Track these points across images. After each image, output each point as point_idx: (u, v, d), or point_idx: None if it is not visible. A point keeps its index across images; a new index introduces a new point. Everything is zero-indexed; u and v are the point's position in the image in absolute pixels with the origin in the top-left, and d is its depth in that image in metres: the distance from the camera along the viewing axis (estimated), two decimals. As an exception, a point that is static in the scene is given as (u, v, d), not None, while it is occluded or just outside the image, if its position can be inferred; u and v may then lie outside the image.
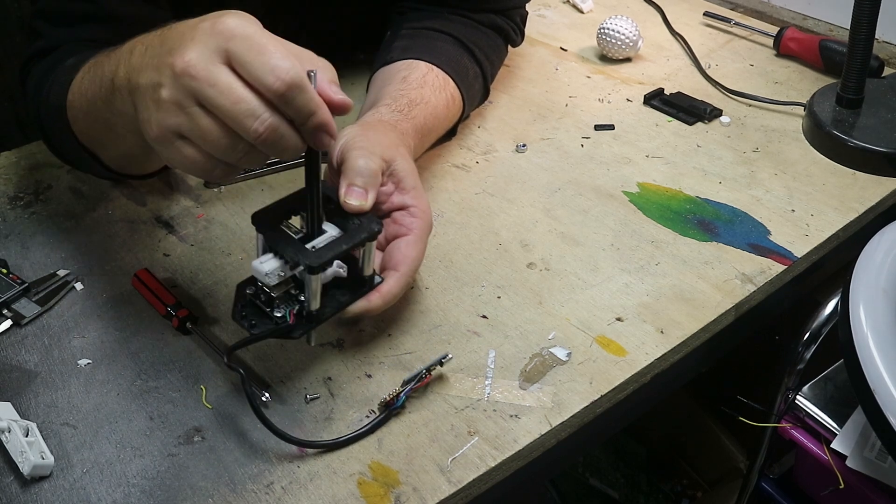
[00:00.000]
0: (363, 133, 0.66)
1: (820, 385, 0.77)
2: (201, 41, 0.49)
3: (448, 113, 0.82)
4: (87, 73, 0.63)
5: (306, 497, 0.54)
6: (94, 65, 0.62)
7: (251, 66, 0.48)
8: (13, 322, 0.67)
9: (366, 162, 0.61)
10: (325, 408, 0.60)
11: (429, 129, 0.79)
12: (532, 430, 0.58)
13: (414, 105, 0.76)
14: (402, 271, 0.62)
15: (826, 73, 1.02)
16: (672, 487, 1.29)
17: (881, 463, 0.69)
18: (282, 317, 0.56)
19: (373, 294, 0.60)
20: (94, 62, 0.62)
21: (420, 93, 0.78)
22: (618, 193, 0.82)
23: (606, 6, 1.22)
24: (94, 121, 0.63)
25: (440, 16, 0.88)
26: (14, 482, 0.55)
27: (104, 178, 0.80)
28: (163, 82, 0.50)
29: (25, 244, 0.76)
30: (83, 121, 0.65)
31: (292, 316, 0.56)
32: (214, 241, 0.76)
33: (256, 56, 0.48)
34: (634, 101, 0.98)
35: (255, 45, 0.48)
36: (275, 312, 0.56)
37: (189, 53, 0.48)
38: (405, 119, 0.74)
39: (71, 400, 0.61)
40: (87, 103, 0.62)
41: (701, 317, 0.67)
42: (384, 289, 0.60)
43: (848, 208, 0.80)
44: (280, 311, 0.56)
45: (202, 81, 0.48)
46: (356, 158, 0.61)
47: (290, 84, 0.48)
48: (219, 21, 0.49)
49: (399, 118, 0.74)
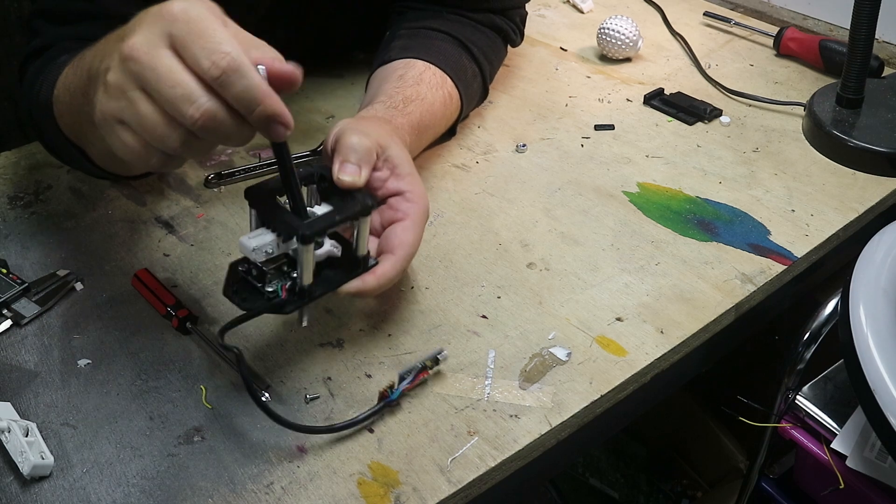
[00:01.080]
0: (356, 122, 0.65)
1: (820, 385, 0.77)
2: (148, 25, 0.48)
3: (445, 111, 0.82)
4: (73, 67, 0.63)
5: (306, 497, 0.54)
6: (80, 58, 0.62)
7: (190, 49, 0.47)
8: (13, 322, 0.67)
9: (359, 139, 0.61)
10: (325, 408, 0.60)
11: (425, 126, 0.78)
12: (532, 430, 0.58)
13: (409, 101, 0.76)
14: (398, 255, 0.61)
15: (826, 73, 1.02)
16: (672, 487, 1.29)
17: (881, 463, 0.69)
18: (273, 291, 0.55)
19: (367, 275, 0.59)
20: (80, 56, 0.62)
21: (416, 90, 0.78)
22: (618, 193, 0.82)
23: (606, 6, 1.22)
24: (77, 114, 0.62)
25: (439, 15, 0.88)
26: (14, 482, 0.55)
27: (97, 177, 0.79)
28: (110, 66, 0.49)
29: (25, 244, 0.76)
30: (67, 115, 0.65)
31: (284, 291, 0.55)
32: (214, 241, 0.76)
33: (196, 39, 0.46)
34: (634, 101, 0.98)
35: (197, 28, 0.47)
36: (266, 288, 0.55)
37: (135, 37, 0.48)
38: (400, 115, 0.74)
39: (71, 400, 0.60)
40: (70, 96, 0.62)
41: (701, 317, 0.67)
42: (379, 270, 0.60)
43: (848, 208, 0.80)
44: (272, 287, 0.55)
45: (143, 65, 0.47)
46: (349, 136, 0.61)
47: (226, 68, 0.46)
48: (167, 5, 0.48)
49: (394, 114, 0.74)
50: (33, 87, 0.70)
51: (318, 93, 0.99)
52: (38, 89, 0.69)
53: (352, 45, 1.07)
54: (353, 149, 0.60)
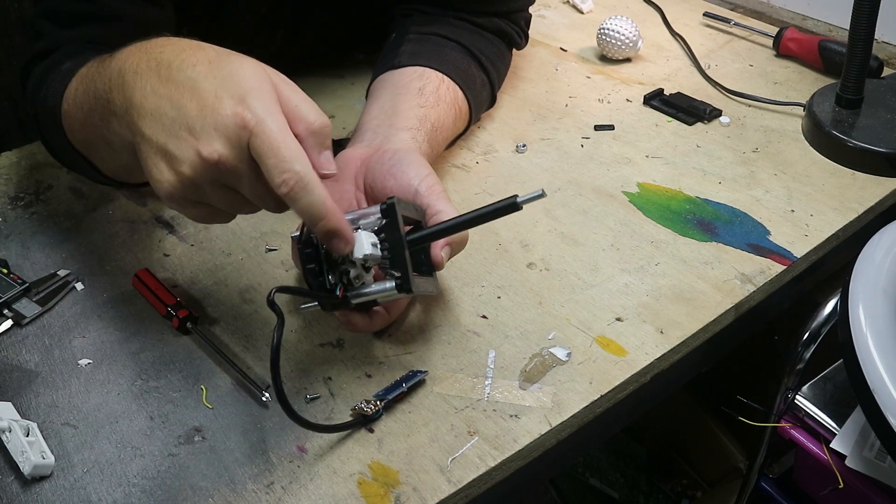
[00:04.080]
0: (436, 180, 0.66)
1: (819, 385, 0.77)
2: (223, 130, 0.51)
3: (455, 130, 0.84)
4: (81, 83, 0.63)
5: (306, 497, 0.54)
6: (86, 77, 0.62)
7: (265, 165, 0.51)
8: (14, 322, 0.67)
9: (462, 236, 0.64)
10: (326, 408, 0.60)
11: (439, 149, 0.81)
12: (532, 430, 0.58)
13: (436, 130, 0.77)
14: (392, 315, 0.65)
15: (826, 73, 1.02)
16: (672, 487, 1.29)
17: (880, 463, 0.69)
18: (334, 286, 0.57)
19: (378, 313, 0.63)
20: (86, 72, 0.63)
21: (436, 112, 0.78)
22: (618, 193, 0.82)
23: (606, 6, 1.22)
24: (91, 134, 0.63)
25: (446, 21, 0.88)
26: (14, 482, 0.55)
27: (101, 184, 0.80)
28: (183, 159, 0.52)
29: (26, 244, 0.76)
30: (80, 132, 0.65)
31: (341, 292, 0.57)
32: (214, 241, 0.76)
33: (269, 158, 0.50)
34: (634, 101, 0.98)
35: (271, 144, 0.50)
36: (329, 275, 0.57)
37: (216, 145, 0.51)
38: (430, 148, 0.76)
39: (71, 400, 0.61)
40: (84, 115, 0.63)
41: (701, 317, 0.67)
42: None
43: (847, 208, 0.80)
44: (333, 278, 0.57)
45: (229, 175, 0.52)
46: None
47: (294, 186, 0.50)
48: (240, 105, 0.51)
49: (427, 149, 0.75)
50: (38, 94, 0.70)
51: (318, 93, 0.99)
52: (43, 95, 0.69)
53: (352, 45, 1.07)
54: (461, 242, 0.63)
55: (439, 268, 0.61)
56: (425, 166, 0.66)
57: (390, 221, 0.57)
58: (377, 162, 0.67)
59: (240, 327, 0.67)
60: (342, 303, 0.57)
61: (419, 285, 0.58)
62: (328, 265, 0.57)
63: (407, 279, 0.56)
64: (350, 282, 0.57)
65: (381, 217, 0.57)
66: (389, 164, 0.66)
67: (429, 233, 0.59)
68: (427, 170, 0.66)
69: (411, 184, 0.64)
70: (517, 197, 0.57)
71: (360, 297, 0.57)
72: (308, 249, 0.57)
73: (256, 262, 0.73)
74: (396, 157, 0.66)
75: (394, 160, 0.66)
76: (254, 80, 0.52)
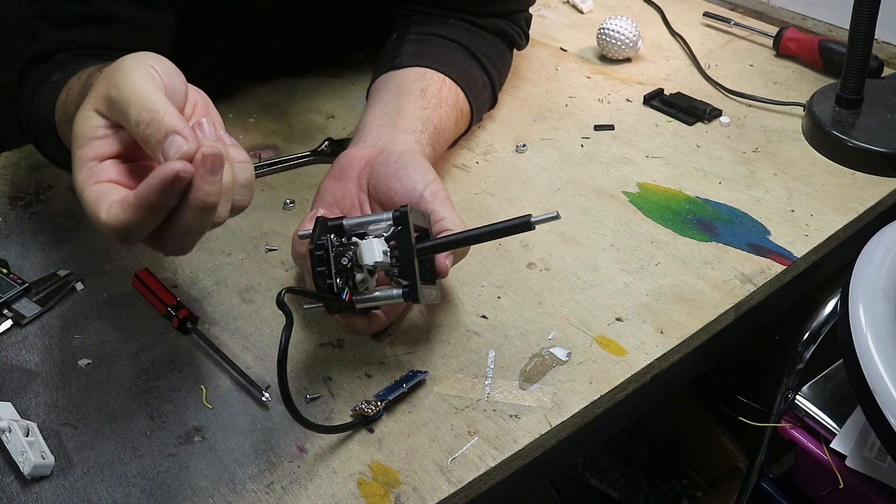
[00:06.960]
0: (441, 185, 0.66)
1: (819, 385, 0.77)
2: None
3: (456, 131, 0.84)
4: (68, 95, 0.63)
5: (306, 497, 0.54)
6: (68, 96, 0.62)
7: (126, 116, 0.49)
8: (14, 322, 0.67)
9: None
10: (326, 408, 0.60)
11: (441, 151, 0.81)
12: (532, 430, 0.58)
13: (438, 132, 0.77)
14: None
15: (826, 73, 1.02)
16: (672, 487, 1.29)
17: (880, 463, 0.69)
18: (341, 289, 0.57)
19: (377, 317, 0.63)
20: (69, 88, 0.62)
21: (439, 114, 0.78)
22: (618, 193, 0.82)
23: (606, 6, 1.22)
24: None
25: (447, 22, 0.88)
26: (14, 482, 0.55)
27: None
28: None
29: (26, 244, 0.76)
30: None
31: (348, 296, 0.57)
32: (214, 241, 0.76)
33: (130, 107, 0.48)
34: (634, 101, 0.98)
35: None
36: (336, 279, 0.57)
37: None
38: (433, 150, 0.76)
39: (71, 400, 0.61)
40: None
41: (701, 317, 0.67)
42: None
43: (847, 208, 0.80)
44: (341, 281, 0.57)
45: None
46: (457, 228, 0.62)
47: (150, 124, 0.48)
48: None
49: (430, 152, 0.75)
50: (31, 100, 0.70)
51: (318, 93, 1.00)
52: (35, 106, 0.69)
53: (352, 45, 1.07)
54: (464, 250, 0.64)
55: (443, 276, 0.61)
56: (430, 171, 0.66)
57: (403, 230, 0.57)
58: (382, 164, 0.67)
59: (240, 327, 0.67)
60: (348, 307, 0.58)
61: (425, 295, 0.58)
62: (336, 269, 0.57)
63: (415, 288, 0.57)
64: (356, 286, 0.57)
65: (392, 224, 0.57)
66: (395, 167, 0.66)
67: (440, 243, 0.59)
68: (432, 175, 0.66)
69: (416, 188, 0.64)
70: (531, 216, 0.57)
71: (366, 304, 0.58)
72: (319, 252, 0.57)
73: (256, 262, 0.73)
74: (402, 160, 0.66)
75: (399, 163, 0.66)
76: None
